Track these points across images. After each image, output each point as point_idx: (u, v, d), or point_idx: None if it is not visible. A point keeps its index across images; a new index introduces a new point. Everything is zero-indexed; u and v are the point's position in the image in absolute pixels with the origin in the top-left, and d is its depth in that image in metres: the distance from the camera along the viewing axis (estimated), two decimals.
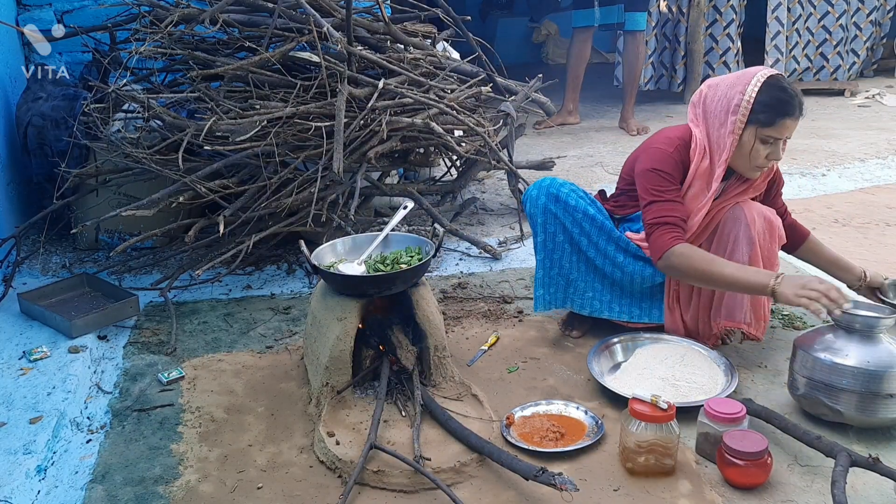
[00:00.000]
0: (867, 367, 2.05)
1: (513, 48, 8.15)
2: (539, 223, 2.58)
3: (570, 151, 5.15)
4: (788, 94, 2.28)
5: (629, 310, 2.61)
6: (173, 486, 1.99)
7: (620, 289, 2.60)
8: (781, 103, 2.28)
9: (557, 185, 2.57)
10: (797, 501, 1.89)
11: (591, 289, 2.61)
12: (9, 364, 2.49)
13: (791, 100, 2.28)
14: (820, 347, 2.15)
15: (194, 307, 2.99)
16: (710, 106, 2.39)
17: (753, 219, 2.41)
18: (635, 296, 2.61)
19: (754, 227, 2.40)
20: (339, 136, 2.91)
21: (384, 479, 1.96)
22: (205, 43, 3.47)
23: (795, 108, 2.29)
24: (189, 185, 2.97)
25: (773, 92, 2.28)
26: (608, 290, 2.61)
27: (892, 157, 4.82)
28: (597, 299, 2.62)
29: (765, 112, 2.29)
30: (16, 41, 3.91)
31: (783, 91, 2.29)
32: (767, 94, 2.28)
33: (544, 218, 2.57)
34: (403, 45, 3.66)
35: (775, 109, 2.28)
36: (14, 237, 3.25)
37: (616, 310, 2.62)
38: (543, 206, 2.56)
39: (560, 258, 2.59)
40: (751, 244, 2.39)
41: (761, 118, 2.29)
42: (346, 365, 2.24)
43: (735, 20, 6.40)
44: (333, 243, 2.47)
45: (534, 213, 2.59)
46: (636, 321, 2.61)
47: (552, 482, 1.77)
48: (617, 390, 2.27)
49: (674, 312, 2.57)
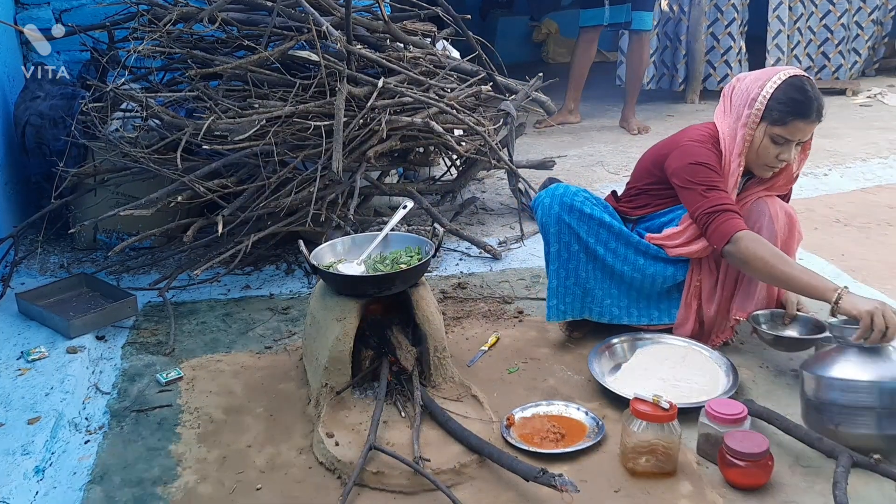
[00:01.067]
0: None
1: (513, 47, 8.15)
2: (552, 233, 2.53)
3: (570, 151, 5.14)
4: (806, 96, 2.26)
5: (648, 312, 2.60)
6: (172, 488, 1.98)
7: (638, 293, 2.58)
8: (795, 103, 2.26)
9: (571, 194, 2.51)
10: (798, 502, 1.88)
11: (609, 296, 2.58)
12: (7, 364, 2.48)
13: (807, 102, 2.26)
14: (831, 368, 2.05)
15: (193, 307, 2.98)
16: (735, 99, 2.40)
17: (777, 213, 2.40)
18: (653, 298, 2.59)
19: (777, 222, 2.39)
20: (339, 135, 2.90)
21: (384, 480, 1.95)
22: (203, 42, 3.46)
23: (811, 111, 2.26)
24: (187, 184, 2.96)
25: (790, 91, 2.27)
26: (625, 296, 2.59)
27: (894, 157, 4.81)
28: (615, 306, 2.59)
29: (778, 110, 2.27)
30: (14, 40, 3.90)
31: (801, 92, 2.26)
32: (784, 92, 2.27)
33: (558, 228, 2.52)
34: (403, 43, 3.65)
35: (788, 109, 2.26)
36: (12, 237, 3.24)
37: (635, 314, 2.60)
38: (557, 216, 2.51)
39: (576, 268, 2.55)
40: (773, 239, 2.36)
41: (774, 115, 2.28)
42: (345, 365, 2.23)
43: (737, 19, 6.38)
44: (333, 243, 2.46)
45: (546, 222, 2.53)
46: (656, 323, 2.59)
47: (552, 483, 1.76)
48: (617, 391, 2.26)
49: (690, 309, 2.54)
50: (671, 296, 2.59)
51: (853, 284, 3.02)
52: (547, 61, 8.58)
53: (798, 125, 2.27)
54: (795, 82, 2.29)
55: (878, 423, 1.95)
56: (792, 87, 2.28)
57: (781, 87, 2.28)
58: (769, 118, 2.29)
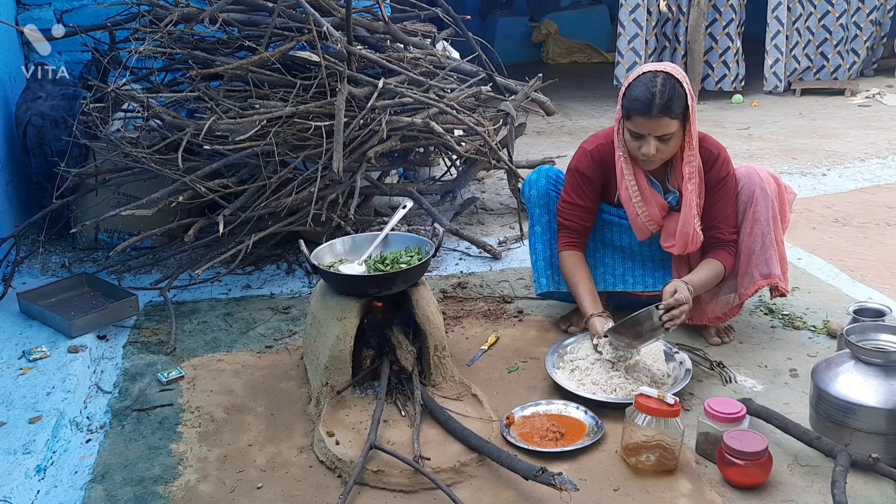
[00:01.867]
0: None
1: (513, 47, 8.16)
2: (541, 205, 2.63)
3: (570, 151, 5.13)
4: (648, 93, 2.26)
5: (643, 279, 2.65)
6: (173, 486, 1.99)
7: (632, 260, 2.64)
8: (635, 100, 2.29)
9: (557, 170, 2.67)
10: (797, 501, 1.88)
11: (602, 264, 2.65)
12: (8, 364, 2.49)
13: (645, 99, 2.26)
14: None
15: (194, 307, 2.99)
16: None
17: (767, 179, 2.47)
18: (647, 266, 2.64)
19: (768, 186, 2.46)
20: (339, 135, 2.91)
21: (384, 479, 1.96)
22: (204, 42, 3.47)
23: (649, 107, 2.26)
24: (188, 184, 2.97)
25: (637, 88, 2.29)
26: (619, 264, 2.65)
27: (893, 157, 4.82)
28: (609, 274, 2.66)
29: (625, 106, 2.33)
30: (15, 41, 3.90)
31: (645, 89, 2.27)
32: (633, 88, 2.31)
33: (546, 199, 2.62)
34: (403, 44, 3.66)
35: (631, 105, 2.30)
36: (13, 237, 3.25)
37: (630, 281, 2.66)
38: (545, 189, 2.62)
39: None
40: (769, 203, 2.45)
41: (624, 111, 2.34)
42: (345, 365, 2.24)
43: (735, 19, 6.40)
44: (333, 243, 2.47)
45: (534, 195, 2.64)
46: (650, 290, 2.63)
47: (552, 482, 1.77)
48: (571, 388, 2.27)
49: (682, 276, 2.52)
50: (665, 264, 2.62)
51: (852, 284, 3.03)
52: (547, 61, 8.59)
53: (639, 120, 2.29)
54: (643, 79, 2.30)
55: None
56: (640, 83, 2.30)
57: (633, 83, 2.32)
58: (624, 113, 2.35)
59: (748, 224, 2.47)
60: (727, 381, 2.37)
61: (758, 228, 2.46)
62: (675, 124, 2.30)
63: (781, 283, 2.50)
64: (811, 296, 2.92)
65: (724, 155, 2.47)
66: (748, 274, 2.50)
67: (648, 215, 2.47)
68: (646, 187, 2.45)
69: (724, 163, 2.46)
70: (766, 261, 2.47)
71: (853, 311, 2.43)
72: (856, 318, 2.37)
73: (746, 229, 2.48)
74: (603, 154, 2.50)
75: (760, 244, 2.46)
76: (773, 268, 2.47)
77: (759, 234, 2.46)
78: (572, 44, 8.70)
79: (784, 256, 2.53)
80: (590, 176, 2.51)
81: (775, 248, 2.47)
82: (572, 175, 2.54)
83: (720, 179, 2.45)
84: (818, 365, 2.13)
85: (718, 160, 2.45)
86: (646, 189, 2.45)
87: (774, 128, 5.66)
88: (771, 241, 2.46)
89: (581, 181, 2.52)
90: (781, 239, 2.52)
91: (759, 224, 2.46)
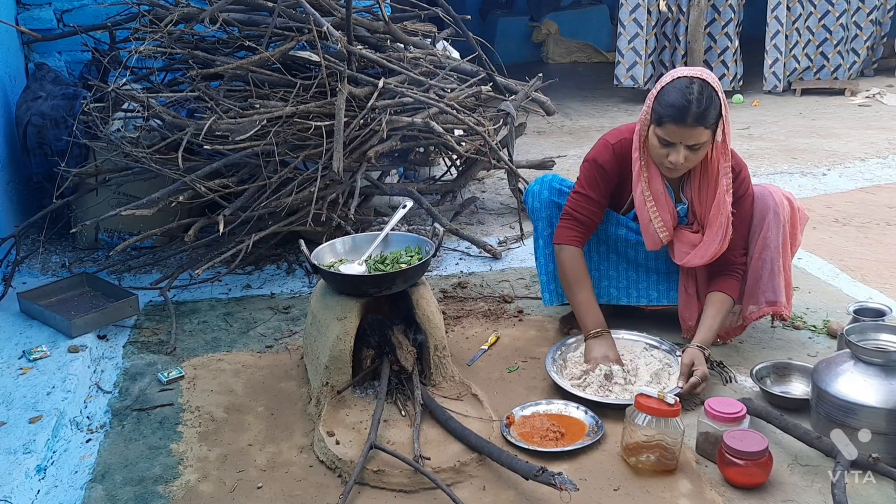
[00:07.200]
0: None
1: (513, 47, 8.15)
2: (544, 217, 2.59)
3: (570, 151, 5.15)
4: (684, 100, 2.19)
5: (647, 293, 2.63)
6: (173, 486, 1.99)
7: (636, 273, 2.62)
8: (670, 107, 2.21)
9: (559, 180, 2.61)
10: (797, 501, 1.88)
11: (606, 277, 2.63)
12: (8, 363, 2.49)
13: (681, 106, 2.19)
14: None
15: (194, 307, 2.99)
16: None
17: (781, 201, 2.42)
18: (651, 279, 2.62)
19: (782, 210, 2.41)
20: (339, 135, 2.91)
21: (384, 479, 1.96)
22: (204, 42, 3.47)
23: (685, 115, 2.18)
24: (189, 184, 2.97)
25: (671, 94, 2.21)
26: (624, 277, 2.63)
27: (893, 157, 4.82)
28: (613, 287, 2.64)
29: (658, 112, 2.24)
30: (16, 40, 3.90)
31: (681, 95, 2.19)
32: (667, 94, 2.22)
33: (549, 212, 2.57)
34: (403, 44, 3.66)
35: (665, 111, 2.22)
36: (14, 236, 3.25)
37: (634, 295, 2.64)
38: (548, 201, 2.57)
39: None
40: (780, 226, 2.41)
41: (655, 116, 2.26)
42: (345, 364, 2.24)
43: (733, 19, 6.39)
44: (333, 243, 2.47)
45: (537, 207, 2.60)
46: (655, 304, 2.62)
47: (552, 482, 1.77)
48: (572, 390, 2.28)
49: (689, 294, 2.54)
50: (671, 278, 2.60)
51: (852, 284, 3.03)
52: (547, 61, 8.58)
53: (671, 128, 2.21)
54: (679, 84, 2.22)
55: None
56: (675, 89, 2.21)
57: (667, 88, 2.24)
58: (654, 119, 2.27)
59: (758, 248, 2.43)
60: (727, 381, 2.37)
61: (767, 254, 2.42)
62: (707, 133, 2.22)
63: (786, 310, 2.47)
64: (811, 296, 2.92)
65: (745, 173, 2.42)
66: (754, 298, 2.47)
67: (661, 221, 2.42)
68: (661, 192, 2.40)
69: (744, 181, 2.41)
70: (774, 288, 2.43)
71: (853, 310, 2.43)
72: (856, 317, 2.38)
73: (756, 253, 2.44)
74: (625, 150, 2.42)
75: (769, 271, 2.43)
76: (779, 296, 2.44)
77: (768, 259, 2.42)
78: (572, 44, 8.70)
79: (790, 282, 2.49)
80: (608, 170, 2.44)
81: (782, 276, 2.44)
82: (590, 166, 2.46)
83: (738, 198, 2.39)
84: (818, 365, 2.13)
85: (740, 177, 2.39)
86: (661, 194, 2.40)
87: (775, 127, 5.66)
88: (779, 268, 2.42)
89: (598, 174, 2.44)
90: (790, 265, 2.48)
91: (768, 250, 2.42)
